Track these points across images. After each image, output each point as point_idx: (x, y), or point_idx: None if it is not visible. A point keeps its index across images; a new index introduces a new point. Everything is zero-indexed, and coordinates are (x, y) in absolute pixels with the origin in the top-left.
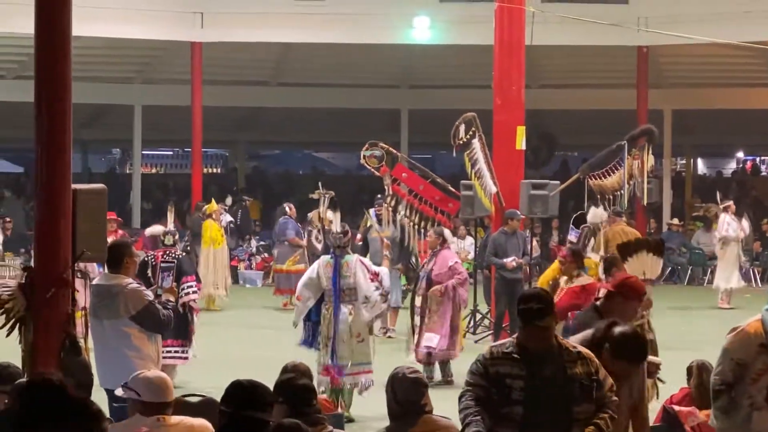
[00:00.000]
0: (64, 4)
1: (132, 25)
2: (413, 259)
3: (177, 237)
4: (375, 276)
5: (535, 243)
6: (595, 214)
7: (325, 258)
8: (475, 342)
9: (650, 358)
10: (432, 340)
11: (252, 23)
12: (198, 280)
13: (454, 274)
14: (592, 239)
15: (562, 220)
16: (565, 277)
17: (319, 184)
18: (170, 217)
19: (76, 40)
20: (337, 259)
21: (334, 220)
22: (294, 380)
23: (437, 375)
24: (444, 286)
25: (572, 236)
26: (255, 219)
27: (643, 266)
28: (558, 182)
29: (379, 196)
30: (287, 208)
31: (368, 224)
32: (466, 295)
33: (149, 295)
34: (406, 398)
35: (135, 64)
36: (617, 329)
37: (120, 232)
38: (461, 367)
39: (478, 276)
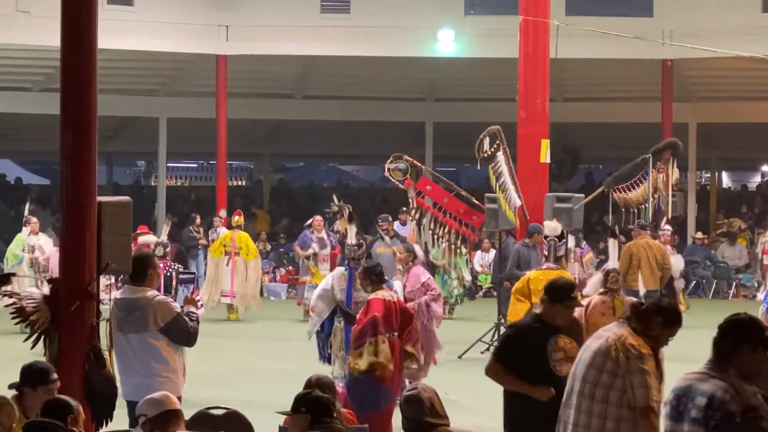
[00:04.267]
0: (90, 17)
1: (157, 38)
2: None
3: (168, 249)
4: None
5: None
6: (550, 227)
7: (340, 270)
8: None
9: None
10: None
11: (277, 36)
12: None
13: (427, 290)
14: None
15: (587, 233)
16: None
17: (334, 197)
18: (165, 229)
19: (102, 53)
20: (352, 271)
21: (350, 232)
22: (315, 392)
23: None
24: (417, 303)
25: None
26: (260, 232)
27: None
28: (582, 195)
29: (404, 208)
30: (311, 221)
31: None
32: (440, 311)
33: (177, 306)
34: (407, 417)
35: (160, 76)
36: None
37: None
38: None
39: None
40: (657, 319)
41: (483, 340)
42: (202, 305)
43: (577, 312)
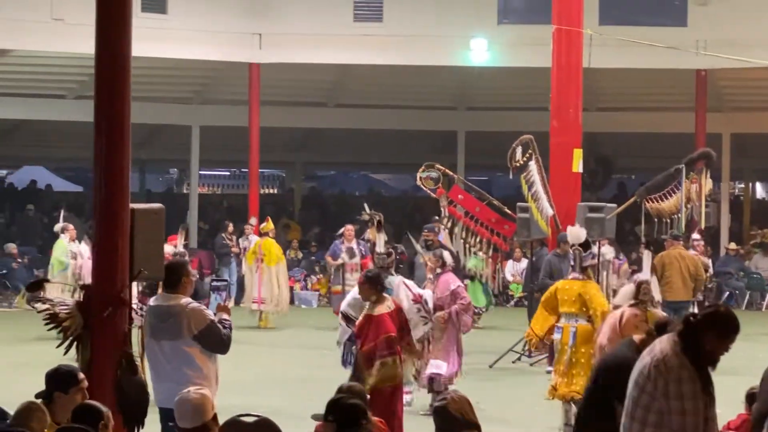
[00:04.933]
0: (125, 25)
1: (191, 46)
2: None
3: (186, 258)
4: (418, 298)
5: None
6: (573, 233)
7: None
8: (530, 365)
9: None
10: (440, 367)
11: (310, 44)
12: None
13: (456, 298)
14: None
15: (619, 244)
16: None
17: (365, 205)
18: (180, 239)
19: (136, 61)
20: None
21: (379, 241)
22: (344, 400)
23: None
24: (447, 313)
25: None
26: (291, 240)
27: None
28: (615, 205)
29: (436, 217)
30: (343, 230)
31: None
32: (470, 322)
33: (210, 314)
34: (439, 427)
35: (193, 84)
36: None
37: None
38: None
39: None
40: (710, 334)
41: (514, 350)
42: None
43: (611, 324)
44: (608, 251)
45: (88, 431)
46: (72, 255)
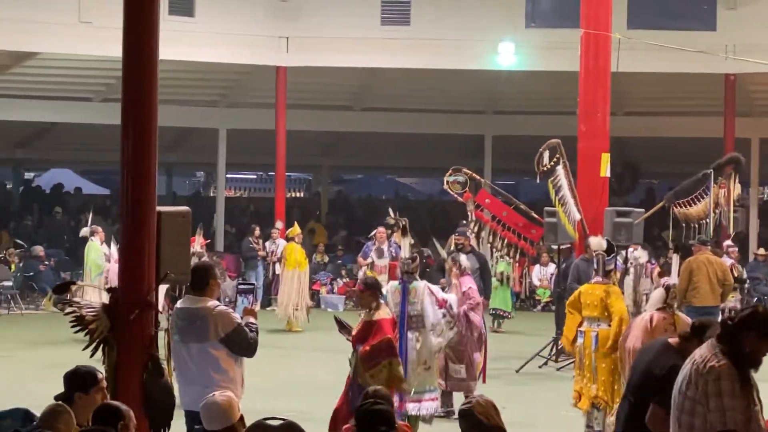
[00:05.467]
0: (152, 28)
1: (218, 49)
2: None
3: (203, 259)
4: (443, 303)
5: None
6: (594, 243)
7: (393, 284)
8: (557, 370)
9: None
10: (459, 372)
11: (337, 48)
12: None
13: (466, 300)
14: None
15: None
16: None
17: (390, 210)
18: (198, 239)
19: (163, 64)
20: (405, 285)
21: (404, 245)
22: (369, 405)
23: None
24: (455, 314)
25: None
26: (317, 244)
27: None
28: (642, 210)
29: (463, 221)
30: (375, 232)
31: (450, 248)
32: (479, 320)
33: (238, 317)
34: (463, 431)
35: (220, 87)
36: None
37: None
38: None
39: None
40: (750, 334)
41: (541, 355)
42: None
43: (642, 328)
44: (642, 255)
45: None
46: (107, 258)
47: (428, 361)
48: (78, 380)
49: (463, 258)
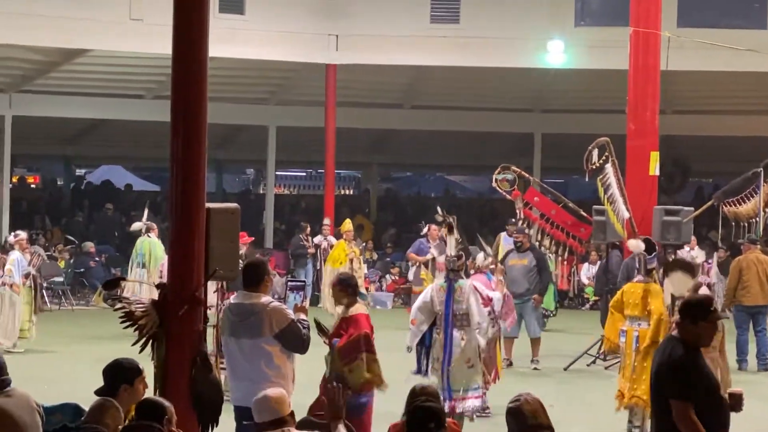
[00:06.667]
0: (202, 25)
1: (268, 47)
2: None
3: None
4: (488, 301)
5: None
6: (633, 245)
7: (439, 282)
8: (606, 368)
9: (731, 389)
10: None
11: (386, 46)
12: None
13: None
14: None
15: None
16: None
17: (438, 208)
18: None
19: (213, 61)
20: (451, 283)
21: (449, 243)
22: (420, 401)
23: None
24: (498, 312)
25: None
26: (366, 241)
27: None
28: (692, 209)
29: (512, 219)
30: (425, 228)
31: (499, 246)
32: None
33: (291, 313)
34: (512, 429)
35: (270, 85)
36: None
37: None
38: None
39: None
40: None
41: (589, 353)
42: None
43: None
44: (699, 254)
45: (155, 427)
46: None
47: (472, 359)
48: (123, 372)
49: (480, 256)
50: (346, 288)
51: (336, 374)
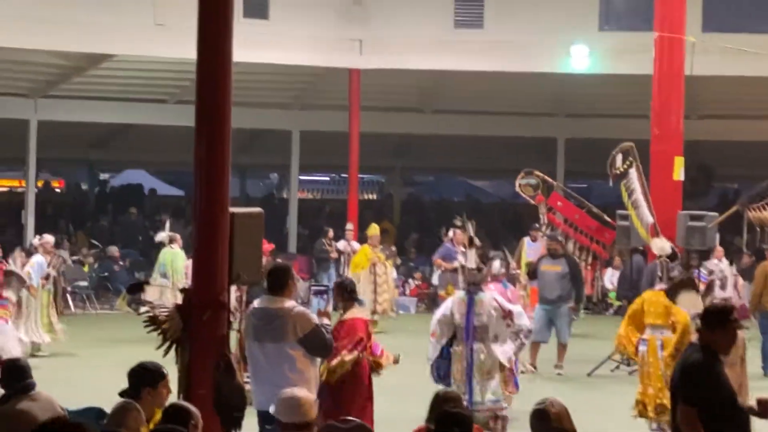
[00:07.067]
0: (226, 30)
1: (291, 51)
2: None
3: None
4: (509, 314)
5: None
6: (657, 245)
7: (460, 294)
8: (629, 374)
9: (759, 396)
10: None
11: (410, 50)
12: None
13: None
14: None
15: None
16: None
17: (457, 217)
18: None
19: (237, 66)
20: (471, 296)
21: (469, 256)
22: (449, 407)
23: None
24: (521, 325)
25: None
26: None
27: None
28: (716, 214)
29: (535, 224)
30: (450, 234)
31: (522, 251)
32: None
33: (315, 318)
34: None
35: (294, 89)
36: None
37: None
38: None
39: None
40: None
41: (613, 359)
42: None
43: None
44: (725, 266)
45: (181, 431)
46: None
47: (492, 372)
48: (147, 375)
49: (496, 263)
50: (341, 292)
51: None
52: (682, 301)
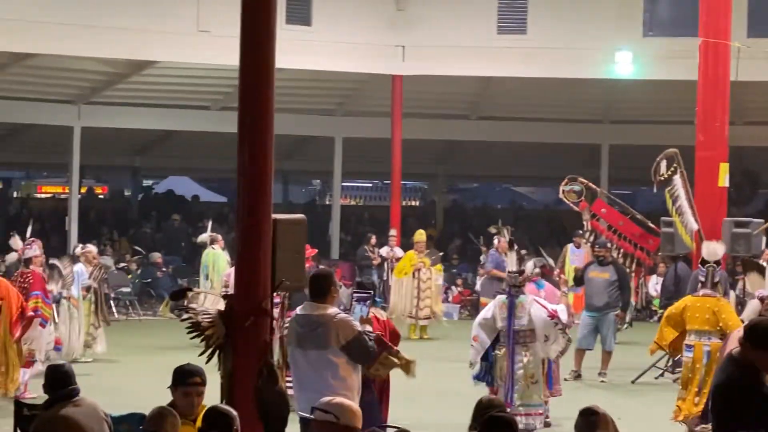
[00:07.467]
0: (269, 36)
1: (334, 58)
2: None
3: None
4: (554, 314)
5: None
6: (710, 250)
7: (501, 298)
8: (674, 381)
9: None
10: None
11: (453, 57)
12: None
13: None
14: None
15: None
16: None
17: (492, 227)
18: None
19: (279, 72)
20: (512, 299)
21: (509, 258)
22: (493, 414)
23: None
24: (567, 323)
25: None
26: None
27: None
28: (762, 221)
29: (579, 231)
30: (495, 241)
31: (565, 257)
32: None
33: (358, 325)
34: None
35: (336, 96)
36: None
37: None
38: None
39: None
40: None
41: (657, 366)
42: None
43: (736, 340)
44: None
45: None
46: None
47: (535, 375)
48: (185, 373)
49: (530, 264)
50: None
51: None
52: (751, 279)
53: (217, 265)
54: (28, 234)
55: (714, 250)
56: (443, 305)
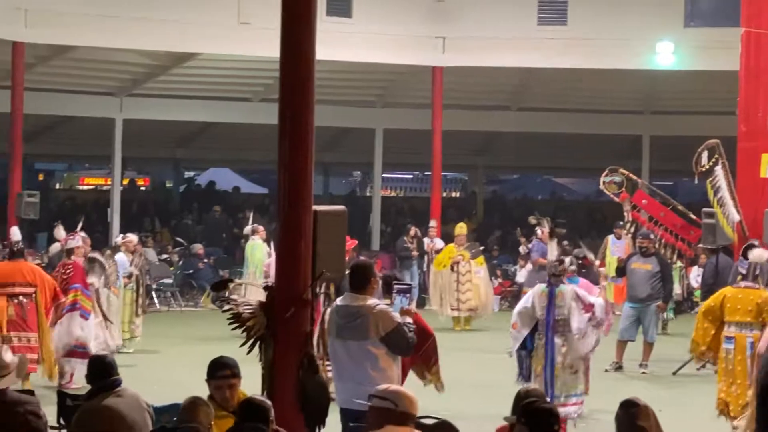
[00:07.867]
0: (309, 28)
1: (375, 50)
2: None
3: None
4: (590, 307)
5: None
6: (756, 255)
7: (541, 287)
8: (715, 372)
9: None
10: None
11: (493, 48)
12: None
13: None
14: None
15: None
16: None
17: (530, 218)
18: None
19: (320, 64)
20: (552, 288)
21: (550, 248)
22: (536, 403)
23: None
24: (601, 318)
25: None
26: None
27: None
28: None
29: (619, 222)
30: (538, 231)
31: (606, 248)
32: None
33: (398, 316)
34: (622, 422)
35: (377, 87)
36: None
37: None
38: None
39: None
40: None
41: None
42: None
43: None
44: None
45: (261, 428)
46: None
47: (575, 365)
48: (217, 366)
49: (567, 260)
50: (384, 286)
51: None
52: None
53: (254, 255)
54: (78, 228)
55: (760, 255)
56: None
